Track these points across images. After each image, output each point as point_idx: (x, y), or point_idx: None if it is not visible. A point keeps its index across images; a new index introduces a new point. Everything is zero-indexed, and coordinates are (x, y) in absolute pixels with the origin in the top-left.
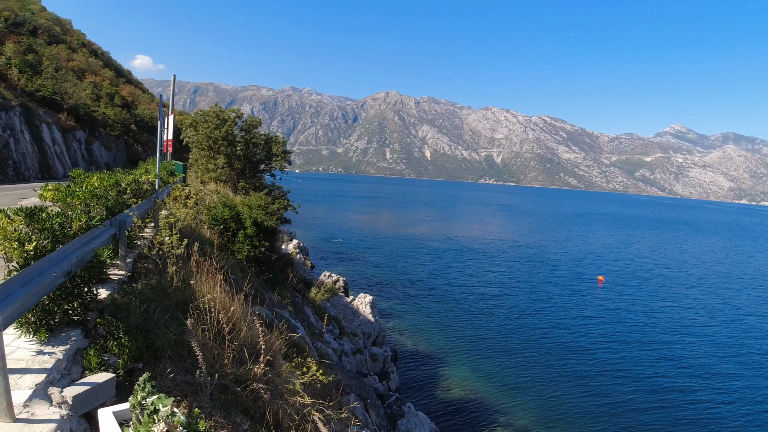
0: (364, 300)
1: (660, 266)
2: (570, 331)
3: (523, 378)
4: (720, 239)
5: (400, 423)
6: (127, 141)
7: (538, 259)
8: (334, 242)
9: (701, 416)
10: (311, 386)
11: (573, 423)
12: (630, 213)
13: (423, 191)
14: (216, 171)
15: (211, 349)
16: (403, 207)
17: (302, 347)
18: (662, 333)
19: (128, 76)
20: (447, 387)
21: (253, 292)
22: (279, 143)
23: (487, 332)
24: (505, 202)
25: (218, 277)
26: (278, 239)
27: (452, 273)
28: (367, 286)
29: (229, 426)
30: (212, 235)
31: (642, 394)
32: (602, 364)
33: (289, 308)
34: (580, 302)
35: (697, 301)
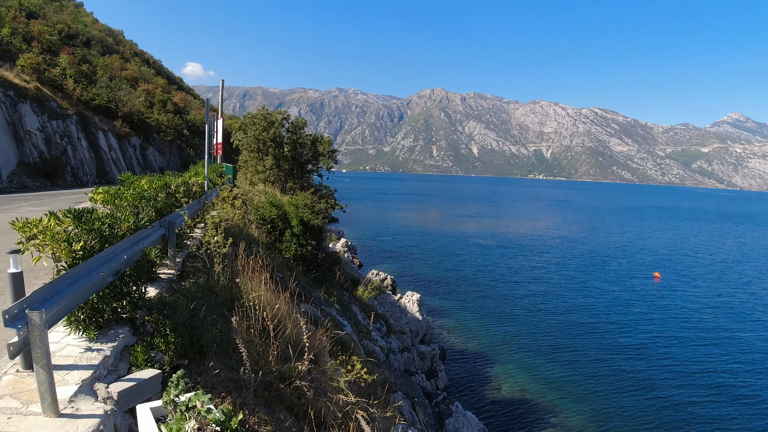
0: (412, 298)
1: (719, 262)
2: (624, 329)
3: (574, 376)
4: None
5: (448, 422)
6: (180, 146)
7: (591, 255)
8: (382, 240)
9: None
10: (356, 384)
11: (625, 423)
12: (687, 206)
13: (470, 188)
14: (264, 172)
15: (256, 346)
16: (451, 204)
17: (348, 345)
18: (720, 331)
19: (180, 83)
20: (496, 386)
21: (300, 290)
22: (325, 143)
23: (536, 330)
24: (556, 197)
25: (264, 276)
26: (325, 238)
27: (501, 270)
28: (414, 283)
29: (273, 422)
30: (260, 234)
31: (696, 394)
32: (656, 363)
33: (336, 306)
34: (635, 299)
35: (756, 297)
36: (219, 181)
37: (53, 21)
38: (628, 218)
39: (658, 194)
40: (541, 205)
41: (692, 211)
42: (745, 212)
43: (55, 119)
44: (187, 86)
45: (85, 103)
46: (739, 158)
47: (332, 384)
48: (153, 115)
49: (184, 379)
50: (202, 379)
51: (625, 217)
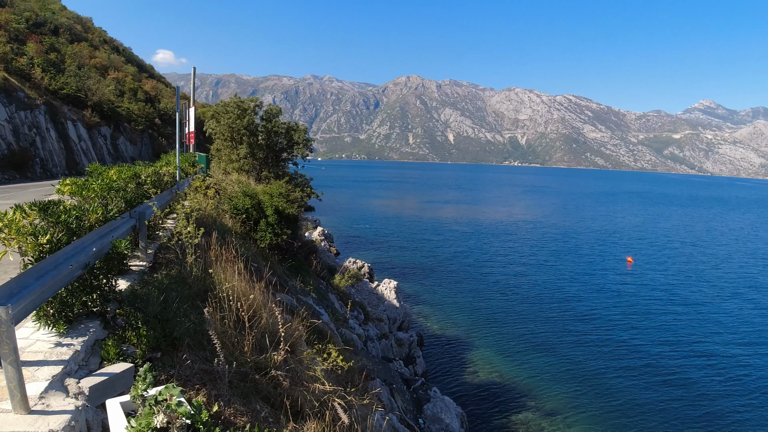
0: (389, 285)
1: (689, 245)
2: (599, 313)
3: (551, 361)
4: (753, 216)
5: (426, 407)
6: (152, 135)
7: (565, 239)
8: (359, 228)
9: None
10: (333, 372)
11: (599, 403)
12: (659, 191)
13: (447, 175)
14: (238, 161)
15: (231, 337)
16: (427, 191)
17: (325, 333)
18: (691, 313)
19: (150, 71)
20: (473, 371)
21: (275, 280)
22: (300, 131)
23: (513, 315)
24: (531, 183)
25: (238, 266)
26: (301, 227)
27: (476, 255)
28: (391, 271)
29: (249, 413)
30: (234, 224)
31: (668, 374)
32: (629, 345)
33: (313, 295)
34: (609, 283)
35: (725, 279)
36: (191, 170)
37: (20, 9)
38: (601, 203)
39: (631, 180)
40: (517, 191)
41: (664, 196)
42: (715, 197)
43: (23, 110)
44: (158, 74)
45: (53, 93)
46: (710, 144)
47: (309, 373)
48: (123, 104)
49: (151, 372)
50: (175, 371)
51: (598, 202)
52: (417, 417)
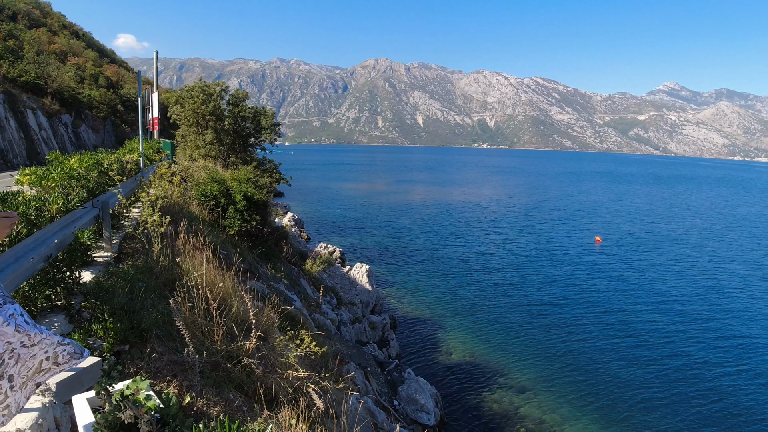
0: (361, 269)
1: (654, 222)
2: (570, 292)
3: (522, 339)
4: (713, 194)
5: (401, 389)
6: (115, 122)
7: (536, 220)
8: (330, 213)
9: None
10: (307, 358)
11: (571, 382)
12: (625, 171)
13: (417, 158)
14: (205, 147)
15: (201, 326)
16: (397, 174)
17: (298, 319)
18: (658, 291)
19: (112, 56)
20: (446, 351)
21: (245, 267)
22: (268, 116)
23: (483, 295)
24: (500, 164)
25: (207, 254)
26: (271, 212)
27: (448, 237)
28: (363, 254)
29: (222, 403)
30: (202, 211)
31: (640, 349)
32: (602, 324)
33: (285, 281)
34: (579, 263)
35: (687, 256)
36: (156, 157)
37: None
38: (568, 184)
39: (597, 161)
40: (486, 173)
41: (629, 175)
42: (678, 176)
43: None
44: (119, 59)
45: (12, 81)
46: (674, 125)
47: (282, 360)
48: (84, 91)
49: (116, 368)
50: (144, 363)
51: (565, 183)
52: (392, 399)
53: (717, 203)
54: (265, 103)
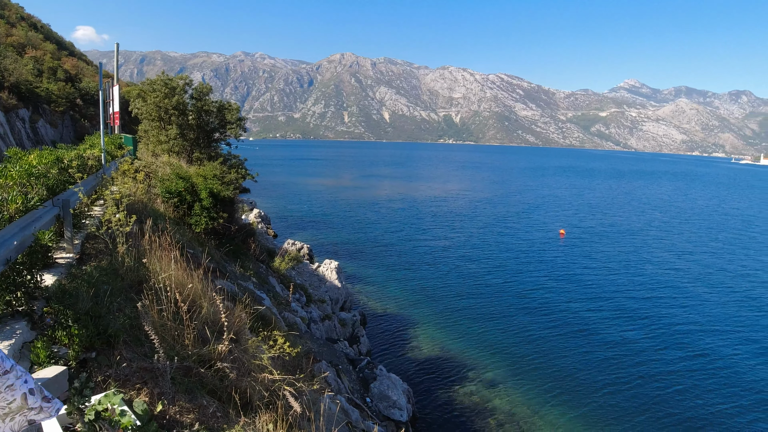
0: (330, 266)
1: (618, 216)
2: (535, 284)
3: (490, 331)
4: (673, 188)
5: (373, 386)
6: (74, 116)
7: (501, 214)
8: (296, 209)
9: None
10: (280, 359)
11: (538, 373)
12: (587, 166)
13: (383, 153)
14: (168, 142)
15: (170, 330)
16: (364, 169)
17: (269, 319)
18: (624, 279)
19: (71, 49)
20: (417, 346)
21: (214, 266)
22: (232, 110)
23: (452, 289)
24: (465, 160)
25: (174, 253)
26: (237, 209)
27: (415, 232)
28: (331, 251)
29: (195, 409)
30: (167, 209)
31: (606, 339)
32: (567, 314)
33: (253, 279)
34: (544, 256)
35: (648, 248)
36: (118, 153)
37: None
38: (534, 178)
39: (560, 156)
40: (452, 168)
41: (591, 170)
42: (639, 171)
43: None
44: (79, 52)
45: None
46: (635, 122)
47: (255, 362)
48: (42, 85)
49: (88, 385)
50: (113, 371)
51: (531, 178)
52: (364, 396)
53: (676, 197)
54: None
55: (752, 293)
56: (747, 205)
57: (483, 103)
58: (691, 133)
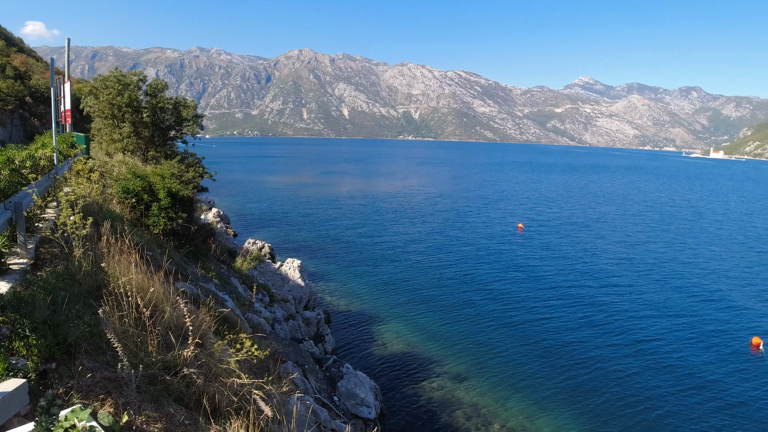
0: (292, 264)
1: (574, 209)
2: (496, 277)
3: (453, 325)
4: (626, 181)
5: (340, 384)
6: (23, 115)
7: (461, 209)
8: (256, 207)
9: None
10: (247, 362)
11: (501, 364)
12: (543, 161)
13: (343, 150)
14: (122, 140)
15: (133, 336)
16: (324, 166)
17: (233, 321)
18: (578, 272)
19: (20, 45)
20: (382, 343)
21: (174, 268)
22: (189, 107)
23: (415, 284)
24: (425, 156)
25: (133, 256)
26: (196, 209)
27: (377, 230)
28: (293, 249)
29: (163, 418)
30: (123, 210)
31: (565, 328)
32: (527, 305)
33: (215, 281)
34: (504, 249)
35: (602, 238)
36: (71, 152)
37: None
38: (493, 173)
39: (518, 151)
40: (412, 164)
41: (548, 165)
42: (593, 165)
43: None
44: (28, 48)
45: None
46: (589, 118)
47: (222, 366)
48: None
49: (55, 403)
50: (74, 382)
51: (490, 173)
52: (332, 395)
53: (629, 190)
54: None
55: (702, 281)
56: (697, 197)
57: (442, 100)
58: (643, 128)
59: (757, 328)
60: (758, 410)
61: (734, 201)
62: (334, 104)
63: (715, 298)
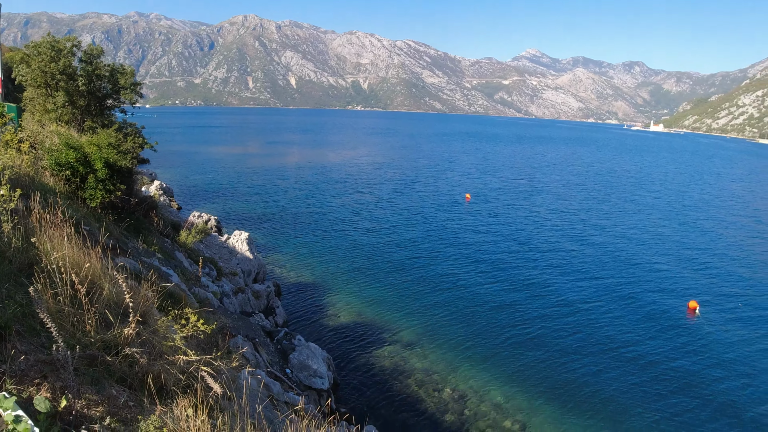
0: (240, 237)
1: (520, 179)
2: (443, 246)
3: (403, 294)
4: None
5: (292, 356)
6: None
7: (409, 179)
8: (200, 179)
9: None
10: (194, 338)
11: (451, 330)
12: (491, 132)
13: (291, 120)
14: (56, 110)
15: (68, 316)
16: (271, 137)
17: (178, 296)
18: (524, 240)
19: None
20: (333, 313)
21: (114, 243)
22: (126, 74)
23: (364, 255)
24: (374, 126)
25: (67, 231)
26: (136, 181)
27: (326, 200)
28: (240, 222)
29: (105, 401)
30: (57, 182)
31: (510, 292)
32: (474, 274)
33: (159, 255)
34: (451, 219)
35: (548, 208)
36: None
37: None
38: (440, 144)
39: (466, 122)
40: (361, 134)
41: (495, 136)
42: (539, 136)
43: None
44: None
45: None
46: (535, 90)
47: (167, 344)
48: None
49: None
50: (7, 367)
51: (437, 143)
52: (284, 367)
53: (573, 160)
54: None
55: (640, 248)
56: (637, 168)
57: (391, 70)
58: (587, 101)
59: (694, 292)
60: (692, 375)
61: (672, 172)
62: (280, 73)
63: (653, 262)
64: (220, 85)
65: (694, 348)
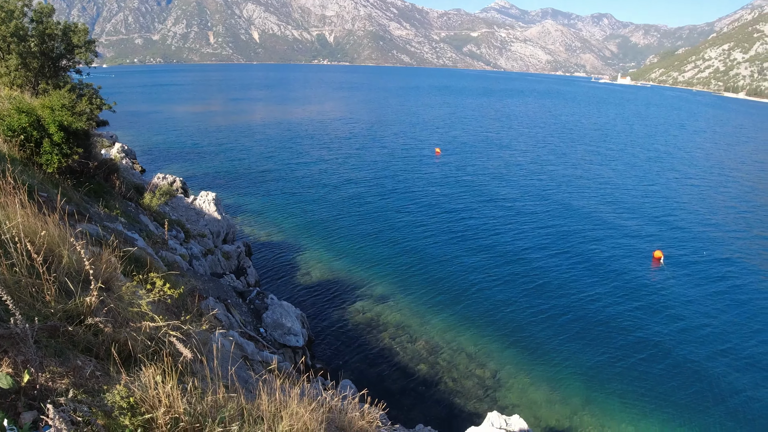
0: (207, 198)
1: (489, 132)
2: (412, 199)
3: (373, 248)
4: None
5: (266, 315)
6: None
7: (378, 134)
8: (163, 140)
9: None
10: (162, 302)
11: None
12: (460, 85)
13: (254, 76)
14: (9, 75)
15: (26, 287)
16: (234, 93)
17: (144, 260)
18: (495, 191)
19: None
20: (306, 271)
21: (73, 209)
22: (80, 32)
23: (332, 210)
24: (341, 81)
25: (21, 198)
26: (95, 144)
27: (293, 157)
28: (207, 182)
29: (70, 372)
30: (10, 149)
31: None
32: (444, 226)
33: (122, 220)
34: (421, 173)
35: (523, 159)
36: None
37: None
38: (408, 98)
39: (434, 75)
40: (328, 89)
41: (464, 89)
42: (508, 90)
43: None
44: None
45: None
46: (504, 42)
47: (133, 310)
48: None
49: None
50: None
51: (405, 97)
52: (258, 327)
53: (541, 113)
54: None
55: (607, 198)
56: (604, 120)
57: (357, 22)
58: (555, 54)
59: (658, 240)
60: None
61: (638, 124)
62: (243, 27)
63: (618, 212)
64: (179, 42)
65: (657, 299)
